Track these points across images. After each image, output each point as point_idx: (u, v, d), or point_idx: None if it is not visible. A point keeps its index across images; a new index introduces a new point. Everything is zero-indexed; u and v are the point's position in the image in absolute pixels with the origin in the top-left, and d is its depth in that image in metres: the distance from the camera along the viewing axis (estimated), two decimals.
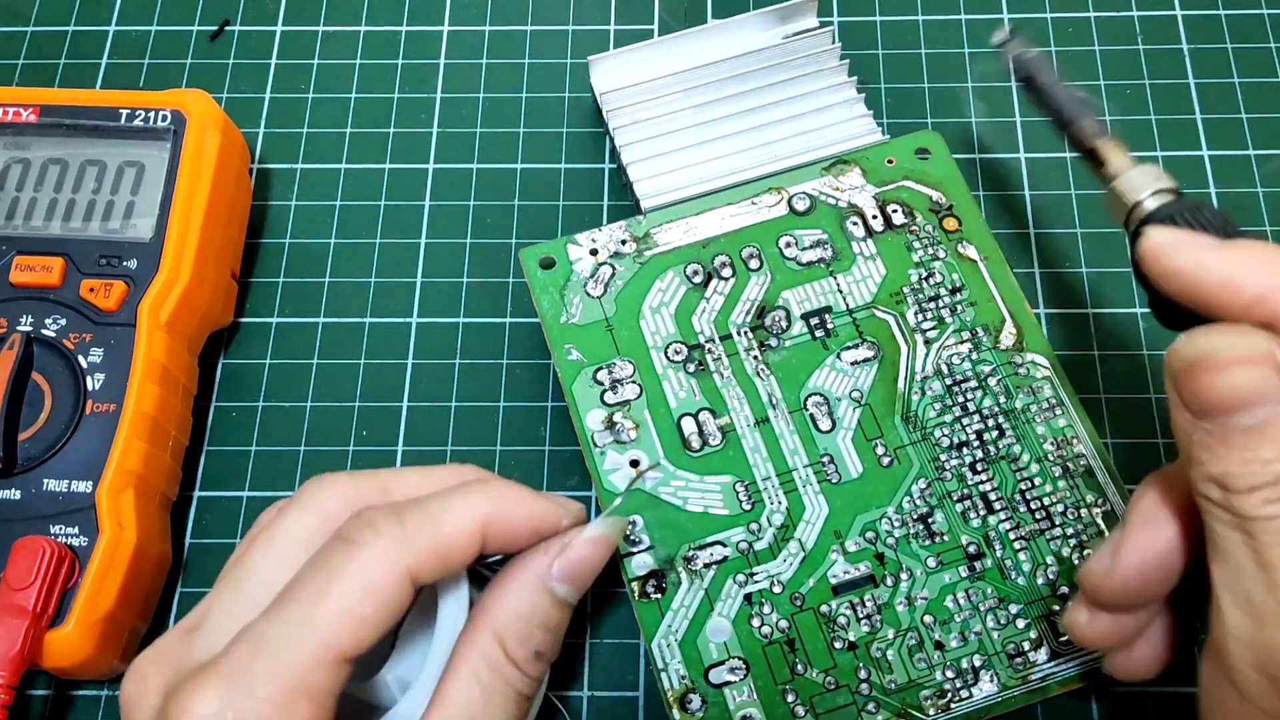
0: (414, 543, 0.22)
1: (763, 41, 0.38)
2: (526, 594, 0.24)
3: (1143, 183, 0.25)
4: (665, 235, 0.34)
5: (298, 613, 0.22)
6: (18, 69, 0.41)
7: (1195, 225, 0.23)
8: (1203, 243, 0.21)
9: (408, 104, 0.40)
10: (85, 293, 0.32)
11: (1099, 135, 0.27)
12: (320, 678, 0.21)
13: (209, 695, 0.21)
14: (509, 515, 0.24)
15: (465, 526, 0.23)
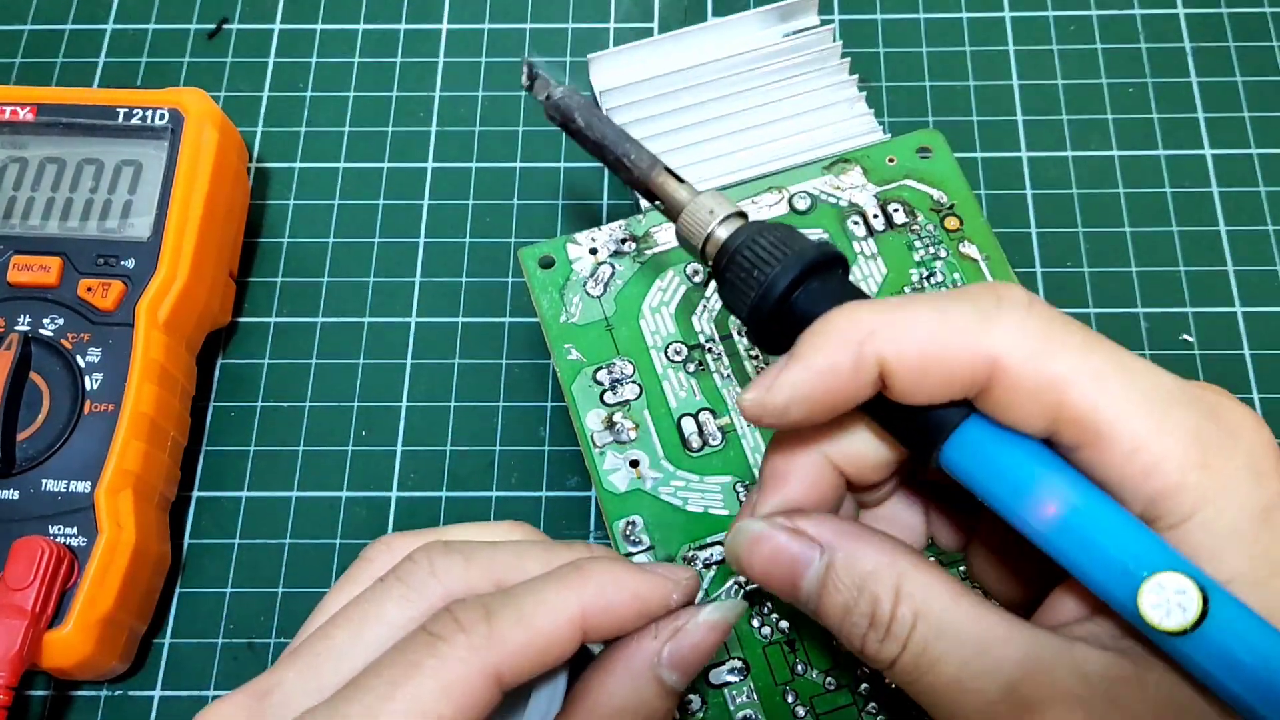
0: (503, 642, 0.20)
1: (763, 40, 0.38)
2: (632, 683, 0.21)
3: (714, 208, 0.24)
4: (665, 234, 0.33)
5: (366, 704, 0.19)
6: (15, 68, 0.41)
7: (774, 242, 0.22)
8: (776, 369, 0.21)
9: (406, 102, 0.40)
10: (83, 292, 0.32)
11: (651, 168, 0.25)
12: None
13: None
14: (611, 603, 0.21)
15: (561, 621, 0.20)
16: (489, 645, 0.20)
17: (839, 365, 0.20)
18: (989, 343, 0.19)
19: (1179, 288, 0.36)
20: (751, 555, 0.21)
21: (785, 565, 0.21)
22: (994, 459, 0.20)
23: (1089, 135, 0.39)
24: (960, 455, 0.20)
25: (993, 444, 0.20)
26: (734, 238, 0.23)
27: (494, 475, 0.34)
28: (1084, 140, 0.39)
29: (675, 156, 0.36)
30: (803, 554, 0.21)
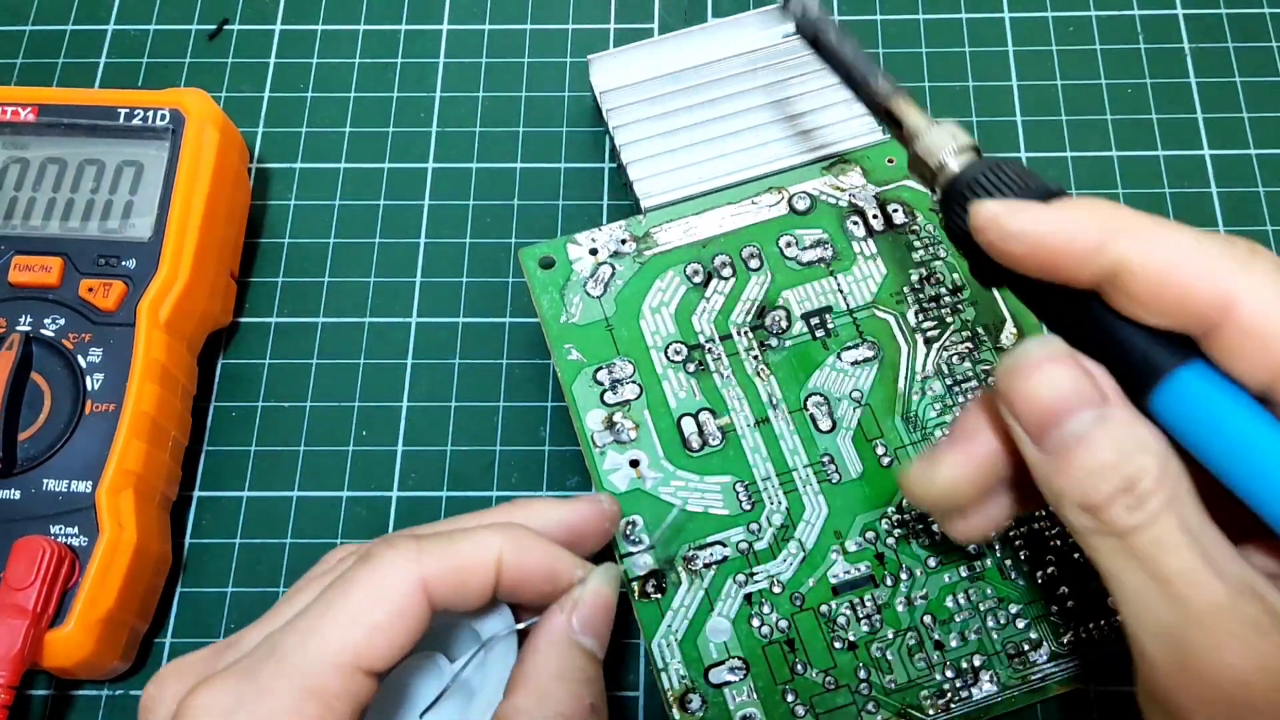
0: (429, 558, 0.23)
1: (763, 40, 0.38)
2: (560, 652, 0.24)
3: (943, 142, 0.24)
4: (665, 235, 0.34)
5: (310, 619, 0.22)
6: (16, 68, 0.41)
7: (1002, 181, 0.22)
8: (1031, 205, 0.21)
9: (407, 103, 0.40)
10: (84, 292, 0.32)
11: (892, 93, 0.26)
12: (331, 682, 0.22)
13: (219, 692, 0.21)
14: (525, 553, 0.24)
15: (481, 554, 0.24)
16: (418, 559, 0.23)
17: (1085, 236, 0.20)
18: (1232, 282, 0.19)
19: None
20: (1031, 374, 0.20)
21: (1058, 397, 0.20)
22: (1212, 412, 0.19)
23: (1088, 135, 0.39)
24: (1173, 403, 0.20)
25: (1211, 396, 0.19)
26: (968, 170, 0.23)
27: (494, 475, 0.34)
28: (1083, 140, 0.39)
29: (676, 157, 0.36)
30: (1086, 394, 0.20)
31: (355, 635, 0.22)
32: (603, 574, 0.25)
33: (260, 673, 0.22)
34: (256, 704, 0.21)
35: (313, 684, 0.21)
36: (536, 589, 0.25)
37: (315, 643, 0.22)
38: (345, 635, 0.22)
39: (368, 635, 0.22)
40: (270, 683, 0.21)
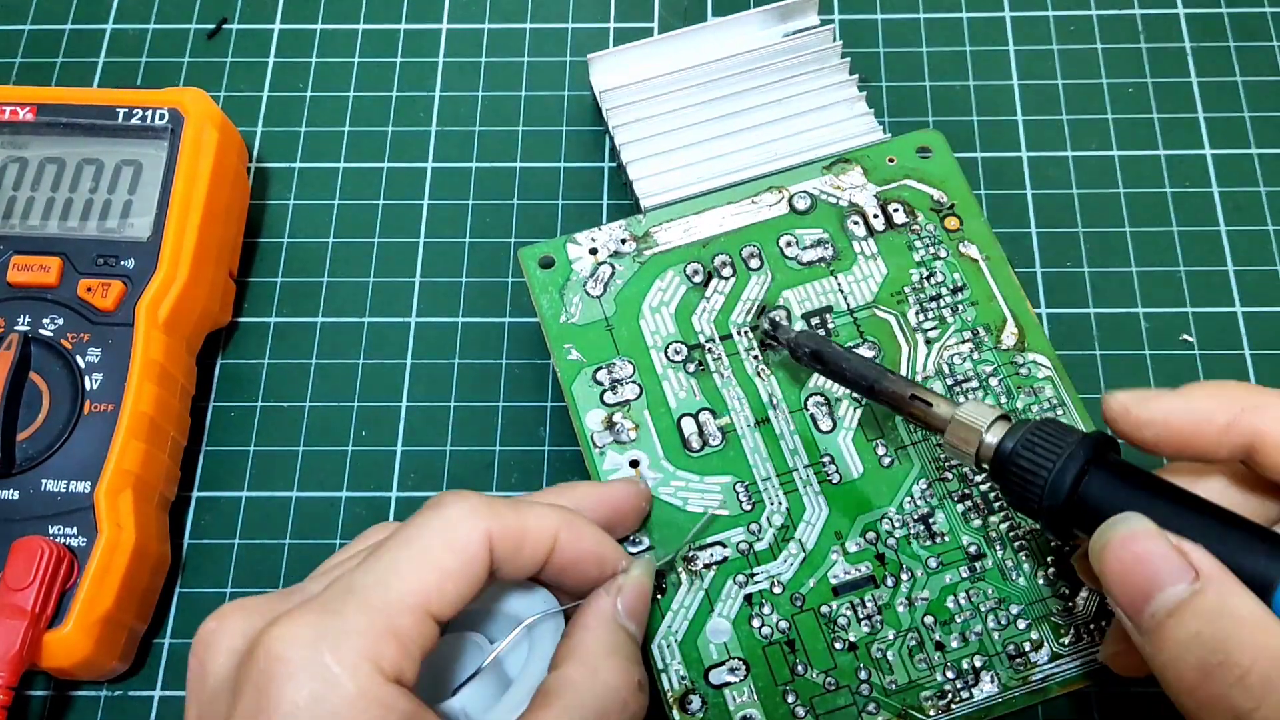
0: (496, 517, 0.24)
1: (763, 39, 0.38)
2: (609, 630, 0.25)
3: (975, 421, 0.25)
4: (665, 234, 0.33)
5: (386, 560, 0.23)
6: (15, 67, 0.41)
7: (1050, 439, 0.24)
8: (1159, 393, 0.22)
9: (406, 102, 0.40)
10: (83, 292, 0.32)
11: (907, 389, 0.27)
12: (406, 623, 0.22)
13: (302, 626, 0.21)
14: (580, 535, 0.25)
15: (542, 525, 0.25)
16: (488, 515, 0.24)
17: (1214, 417, 0.21)
18: None
19: (1179, 288, 0.36)
20: (1125, 545, 0.21)
21: (1148, 573, 0.21)
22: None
23: (1089, 135, 0.39)
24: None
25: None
26: (1005, 441, 0.24)
27: (494, 475, 0.34)
28: (1084, 140, 0.39)
29: (675, 156, 0.36)
30: (1174, 571, 0.21)
31: (429, 579, 0.22)
32: (643, 564, 0.27)
33: (341, 610, 0.22)
34: (338, 640, 0.21)
35: (392, 624, 0.22)
36: (584, 572, 0.26)
37: (394, 583, 0.22)
38: (421, 579, 0.22)
39: (440, 581, 0.23)
40: (351, 620, 0.22)
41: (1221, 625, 0.20)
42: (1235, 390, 0.22)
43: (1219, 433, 0.22)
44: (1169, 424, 0.22)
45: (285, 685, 0.21)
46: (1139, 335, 0.36)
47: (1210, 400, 0.22)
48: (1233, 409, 0.21)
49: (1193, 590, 0.21)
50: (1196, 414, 0.22)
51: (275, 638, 0.21)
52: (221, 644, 0.23)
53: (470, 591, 0.23)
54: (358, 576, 0.23)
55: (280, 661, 0.21)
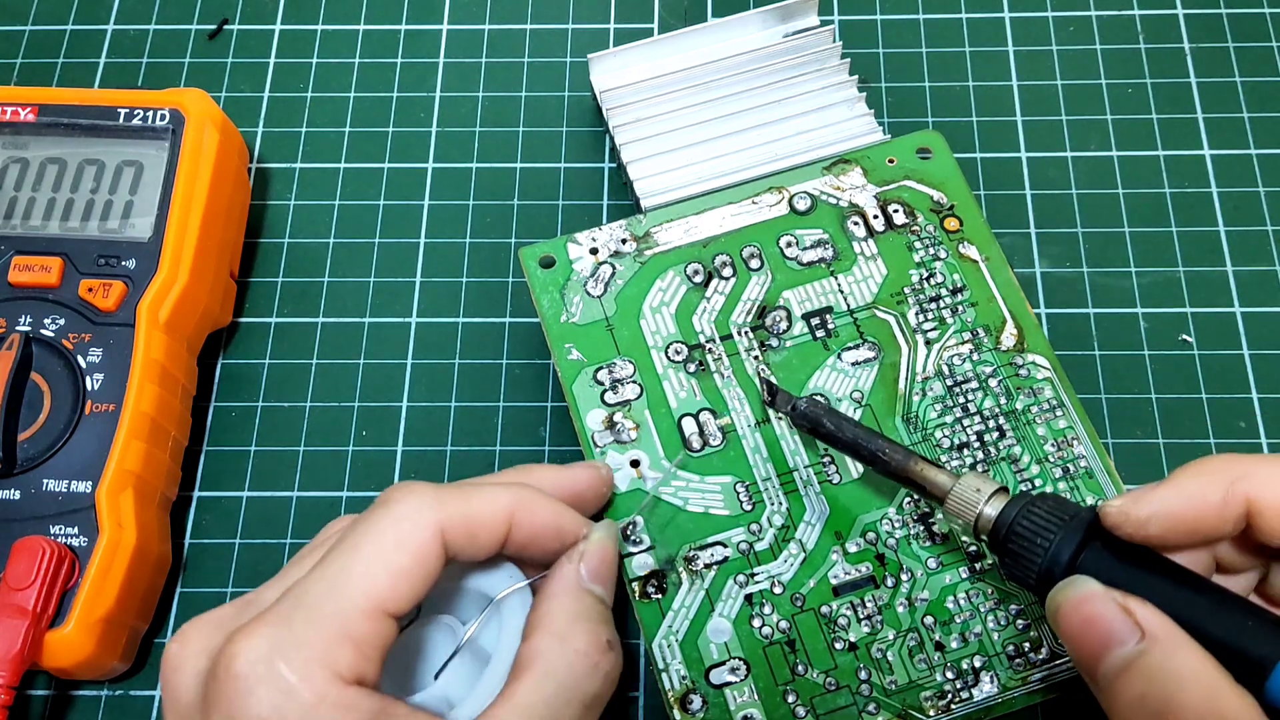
0: (445, 506, 0.24)
1: (763, 40, 0.38)
2: (574, 597, 0.26)
3: (973, 495, 0.25)
4: (665, 234, 0.34)
5: (336, 566, 0.23)
6: (16, 68, 0.41)
7: (1046, 514, 0.24)
8: (1150, 488, 0.23)
9: (407, 103, 0.40)
10: (84, 292, 0.32)
11: (906, 460, 0.27)
12: (361, 626, 0.22)
13: (257, 640, 0.22)
14: (534, 510, 0.26)
15: (493, 507, 0.25)
16: (436, 506, 0.24)
17: (1209, 495, 0.22)
18: None
19: (1178, 288, 0.36)
20: (1076, 608, 0.22)
21: (1100, 633, 0.22)
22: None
23: (1088, 136, 0.39)
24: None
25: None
26: (1005, 513, 0.25)
27: None
28: (1083, 141, 0.39)
29: (676, 156, 0.36)
30: (1122, 632, 0.22)
31: (381, 581, 0.23)
32: (604, 528, 0.27)
33: (293, 620, 0.22)
34: (292, 652, 0.22)
35: (345, 629, 0.22)
36: (544, 545, 0.26)
37: (344, 589, 0.23)
38: (372, 581, 0.23)
39: (392, 580, 0.23)
40: (303, 630, 0.22)
41: (1165, 685, 0.21)
42: (1220, 464, 0.22)
43: (1218, 509, 0.22)
44: (1169, 514, 0.22)
45: (248, 700, 0.21)
46: (1138, 335, 0.36)
47: (1199, 480, 0.22)
48: (1223, 483, 0.22)
49: (1139, 650, 0.21)
50: (1192, 497, 0.22)
51: (232, 655, 0.22)
52: (186, 666, 0.23)
53: (425, 585, 0.24)
54: (310, 584, 0.23)
55: (239, 679, 0.22)
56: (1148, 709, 0.21)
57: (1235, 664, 0.21)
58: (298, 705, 0.21)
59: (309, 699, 0.21)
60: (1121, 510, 0.23)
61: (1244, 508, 0.22)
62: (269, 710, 0.21)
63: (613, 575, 0.27)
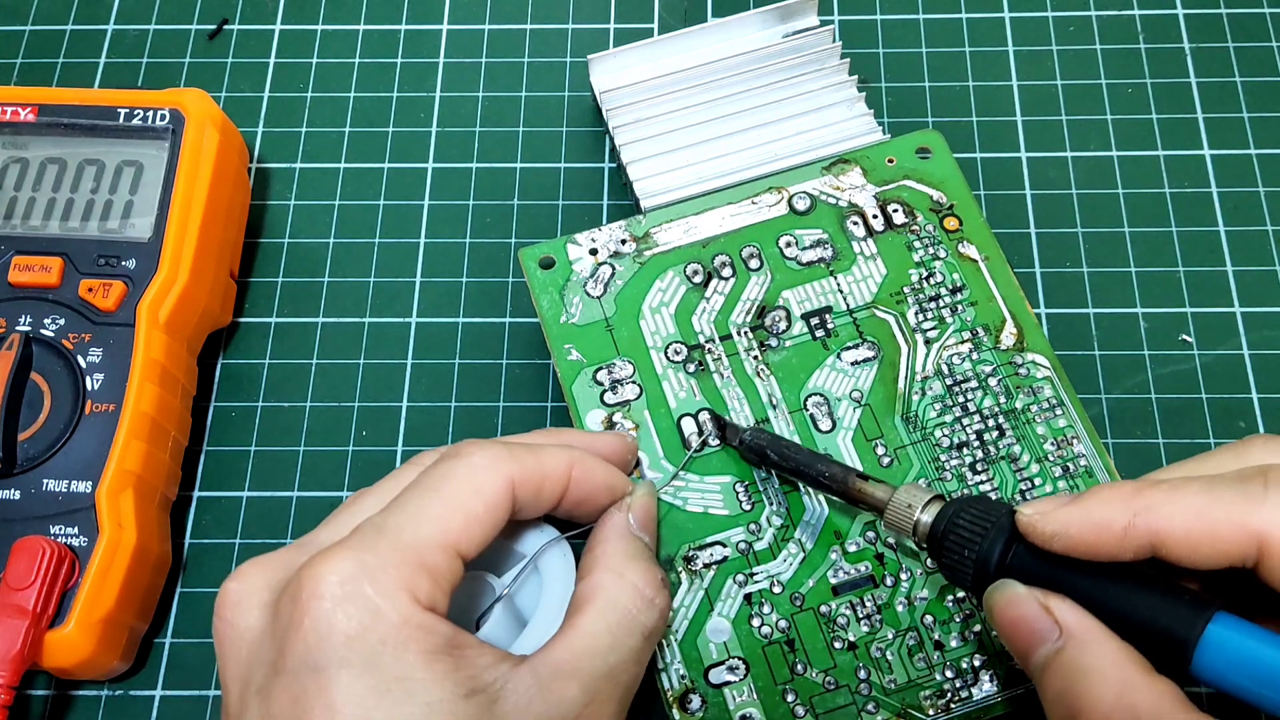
0: (516, 463, 0.25)
1: (763, 40, 0.38)
2: (626, 539, 0.27)
3: (909, 504, 0.26)
4: (665, 235, 0.34)
5: (414, 504, 0.24)
6: (16, 68, 0.41)
7: (973, 519, 0.25)
8: (1061, 503, 0.23)
9: (407, 103, 0.40)
10: (84, 292, 0.32)
11: (845, 477, 0.28)
12: (438, 559, 0.23)
13: (341, 562, 0.22)
14: (591, 469, 0.27)
15: (559, 466, 0.26)
16: (509, 460, 0.25)
17: (1113, 525, 0.22)
18: (1255, 522, 0.21)
19: (1178, 288, 0.36)
20: (1004, 610, 0.23)
21: (1025, 632, 0.23)
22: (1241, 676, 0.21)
23: (1088, 135, 0.39)
24: (1208, 670, 0.21)
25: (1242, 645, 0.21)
26: (938, 521, 0.25)
27: None
28: (1083, 140, 0.39)
29: (675, 156, 0.36)
30: (1044, 629, 0.23)
31: (457, 521, 0.24)
32: (646, 485, 0.29)
33: (377, 547, 0.23)
34: (377, 574, 0.22)
35: (423, 560, 0.23)
36: (597, 502, 0.27)
37: (425, 524, 0.23)
38: (449, 521, 0.24)
39: (466, 523, 0.24)
40: (388, 555, 0.23)
41: (1076, 682, 0.22)
42: (1126, 493, 0.22)
43: (1119, 538, 0.22)
44: (1070, 535, 0.23)
45: (334, 618, 0.22)
46: (1138, 335, 0.36)
47: (1104, 507, 0.22)
48: (1126, 513, 0.22)
49: (1057, 647, 0.22)
50: (1095, 523, 0.22)
51: (315, 577, 0.22)
52: (249, 600, 0.24)
53: (493, 533, 0.25)
54: (388, 518, 0.24)
55: (324, 599, 0.22)
56: (1065, 705, 0.22)
57: (1162, 645, 0.22)
58: (385, 625, 0.22)
59: (395, 619, 0.22)
60: (1030, 522, 0.23)
61: (1148, 539, 0.22)
62: (356, 629, 0.22)
63: (655, 528, 0.29)
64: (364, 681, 0.21)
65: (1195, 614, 0.21)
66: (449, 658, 0.22)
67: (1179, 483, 0.22)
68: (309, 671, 0.22)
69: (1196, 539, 0.22)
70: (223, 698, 0.24)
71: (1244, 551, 0.21)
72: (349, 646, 0.22)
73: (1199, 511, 0.22)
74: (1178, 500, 0.22)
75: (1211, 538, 0.21)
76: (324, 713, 0.21)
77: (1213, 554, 0.21)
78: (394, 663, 0.22)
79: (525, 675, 0.23)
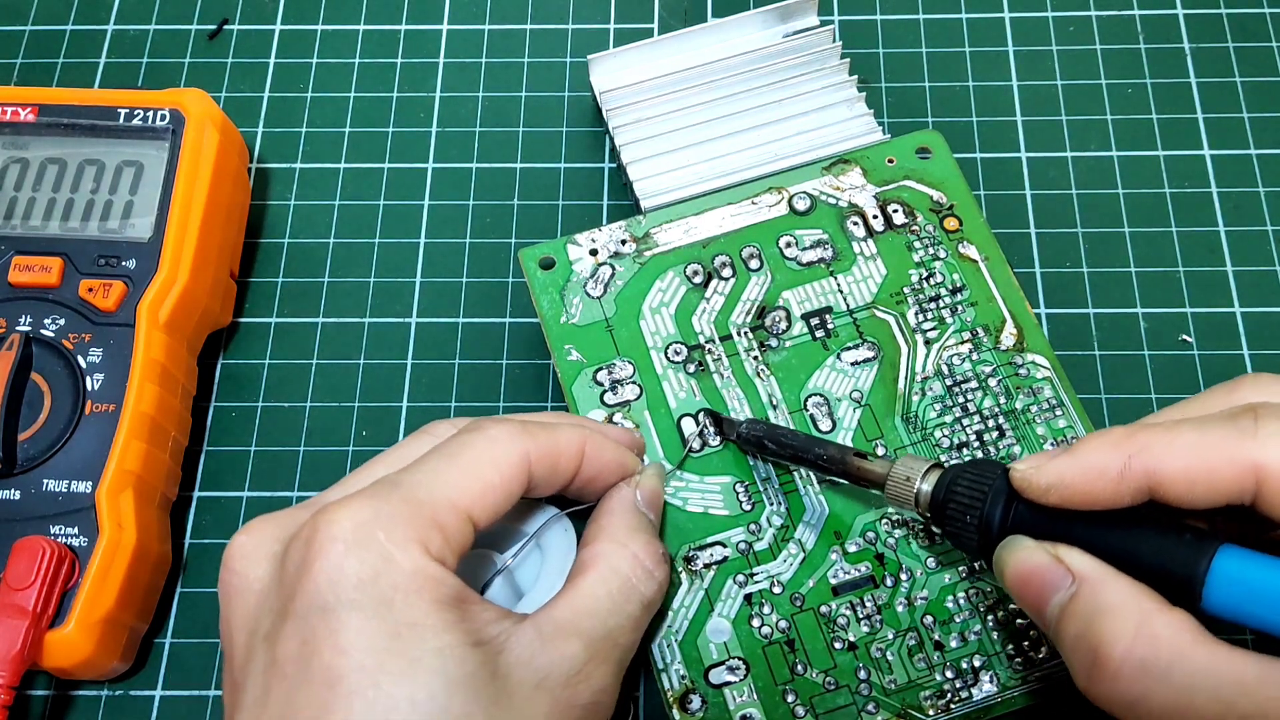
0: (531, 439, 0.26)
1: (763, 40, 0.38)
2: (631, 512, 0.27)
3: (908, 474, 0.26)
4: (665, 235, 0.34)
5: (431, 466, 0.24)
6: (16, 68, 0.41)
7: (970, 483, 0.25)
8: (1053, 455, 0.23)
9: (407, 103, 0.40)
10: (84, 292, 0.32)
11: (843, 456, 0.28)
12: (450, 519, 0.24)
13: (355, 509, 0.23)
14: (603, 447, 0.27)
15: (573, 443, 0.27)
16: (526, 436, 0.25)
17: (1107, 469, 0.22)
18: (1248, 455, 0.21)
19: (1178, 288, 0.36)
20: (1016, 566, 0.23)
21: (1038, 584, 0.23)
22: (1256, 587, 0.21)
23: (1088, 136, 0.39)
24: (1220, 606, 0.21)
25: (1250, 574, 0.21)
26: (938, 488, 0.26)
27: None
28: (1083, 141, 0.39)
29: (675, 156, 0.36)
30: (1056, 578, 0.23)
31: (473, 487, 0.24)
32: (655, 467, 0.29)
33: (391, 499, 0.23)
34: (391, 523, 0.23)
35: (436, 517, 0.23)
36: (608, 480, 0.28)
37: (440, 484, 0.24)
38: (465, 485, 0.24)
39: (481, 490, 0.24)
40: (401, 507, 0.23)
41: (1096, 619, 0.21)
42: (1119, 436, 0.22)
43: (1115, 483, 0.22)
44: (1065, 485, 0.23)
45: (344, 562, 0.22)
46: (1138, 335, 0.36)
47: (1097, 453, 0.22)
48: (1120, 457, 0.22)
49: (1071, 592, 0.22)
50: (1089, 470, 0.22)
51: (331, 521, 0.23)
52: (256, 553, 0.24)
53: (506, 505, 0.25)
54: (405, 476, 0.24)
55: (337, 542, 0.22)
56: (1086, 645, 0.22)
57: (1171, 586, 0.22)
58: (397, 572, 0.22)
59: (408, 567, 0.22)
60: (1024, 477, 0.23)
61: (1144, 481, 0.22)
62: (369, 573, 0.22)
63: (661, 507, 0.29)
64: (375, 625, 0.22)
65: (1200, 550, 0.21)
66: (458, 608, 0.23)
67: (1171, 424, 0.22)
68: (318, 613, 0.22)
69: (1193, 477, 0.21)
70: (225, 653, 0.24)
71: (1241, 486, 0.21)
72: (361, 589, 0.22)
73: (1193, 449, 0.22)
74: (1171, 440, 0.22)
75: (1208, 474, 0.21)
76: (333, 654, 0.21)
77: (1210, 491, 0.21)
78: (405, 609, 0.22)
79: (529, 629, 0.24)
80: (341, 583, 0.22)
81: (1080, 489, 0.23)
